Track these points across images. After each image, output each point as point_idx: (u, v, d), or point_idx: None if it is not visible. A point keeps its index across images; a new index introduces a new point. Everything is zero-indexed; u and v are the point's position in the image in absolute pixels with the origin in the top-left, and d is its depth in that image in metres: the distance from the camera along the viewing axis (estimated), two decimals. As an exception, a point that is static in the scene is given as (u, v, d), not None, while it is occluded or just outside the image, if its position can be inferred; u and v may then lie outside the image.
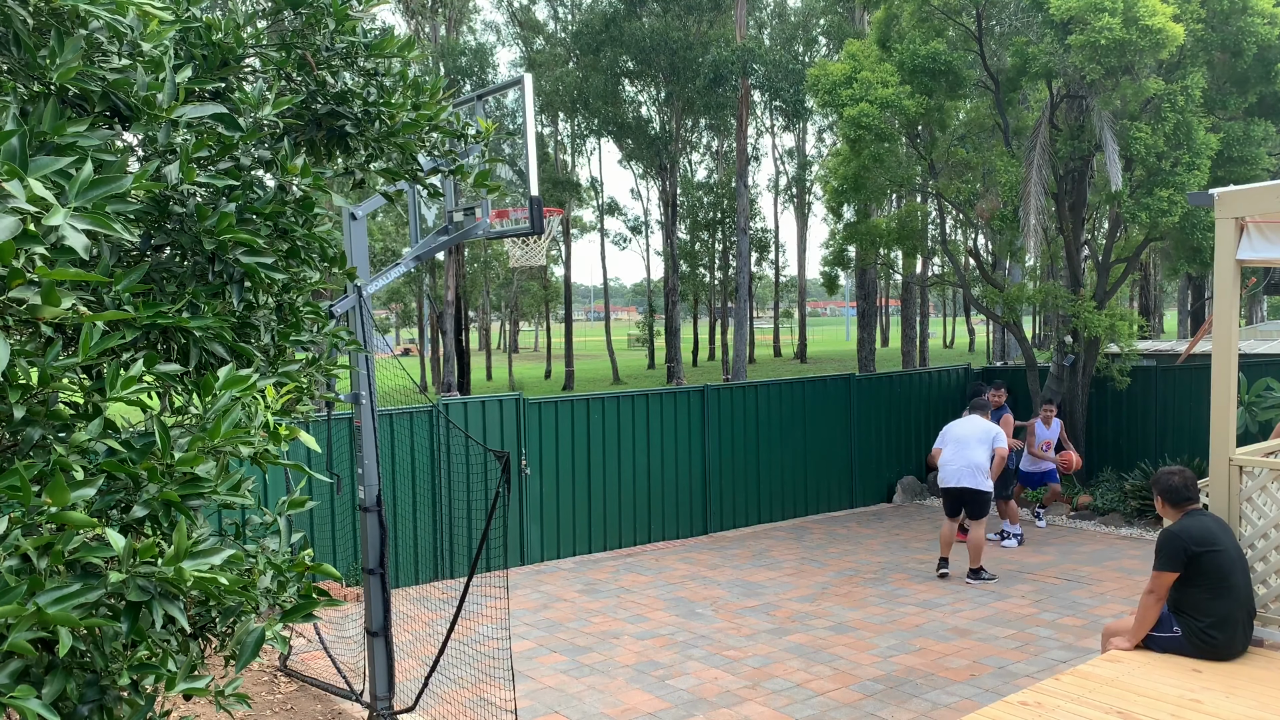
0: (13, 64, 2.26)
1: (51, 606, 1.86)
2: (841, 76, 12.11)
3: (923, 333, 36.46)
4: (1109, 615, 7.80)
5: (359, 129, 3.10)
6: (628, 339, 68.91)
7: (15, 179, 1.87)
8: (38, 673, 2.03)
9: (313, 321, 2.92)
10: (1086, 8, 9.83)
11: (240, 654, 2.35)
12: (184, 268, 2.58)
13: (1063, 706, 4.36)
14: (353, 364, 5.59)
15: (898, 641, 7.36)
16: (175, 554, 2.04)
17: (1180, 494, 5.02)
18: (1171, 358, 12.93)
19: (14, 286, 1.91)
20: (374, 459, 5.77)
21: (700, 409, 11.52)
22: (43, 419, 2.13)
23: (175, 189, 2.38)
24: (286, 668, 6.93)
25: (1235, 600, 4.81)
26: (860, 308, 25.49)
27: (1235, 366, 5.33)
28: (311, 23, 3.02)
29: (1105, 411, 12.75)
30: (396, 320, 51.24)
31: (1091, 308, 11.36)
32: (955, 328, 62.28)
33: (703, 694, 6.40)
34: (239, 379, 2.31)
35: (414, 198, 6.25)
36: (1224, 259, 5.35)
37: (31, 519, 1.92)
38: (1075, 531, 11.10)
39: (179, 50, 2.69)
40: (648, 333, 48.14)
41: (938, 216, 14.17)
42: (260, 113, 2.70)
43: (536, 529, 10.30)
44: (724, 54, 24.23)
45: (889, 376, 13.48)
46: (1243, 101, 11.07)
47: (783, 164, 47.73)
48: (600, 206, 43.35)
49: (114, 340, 2.10)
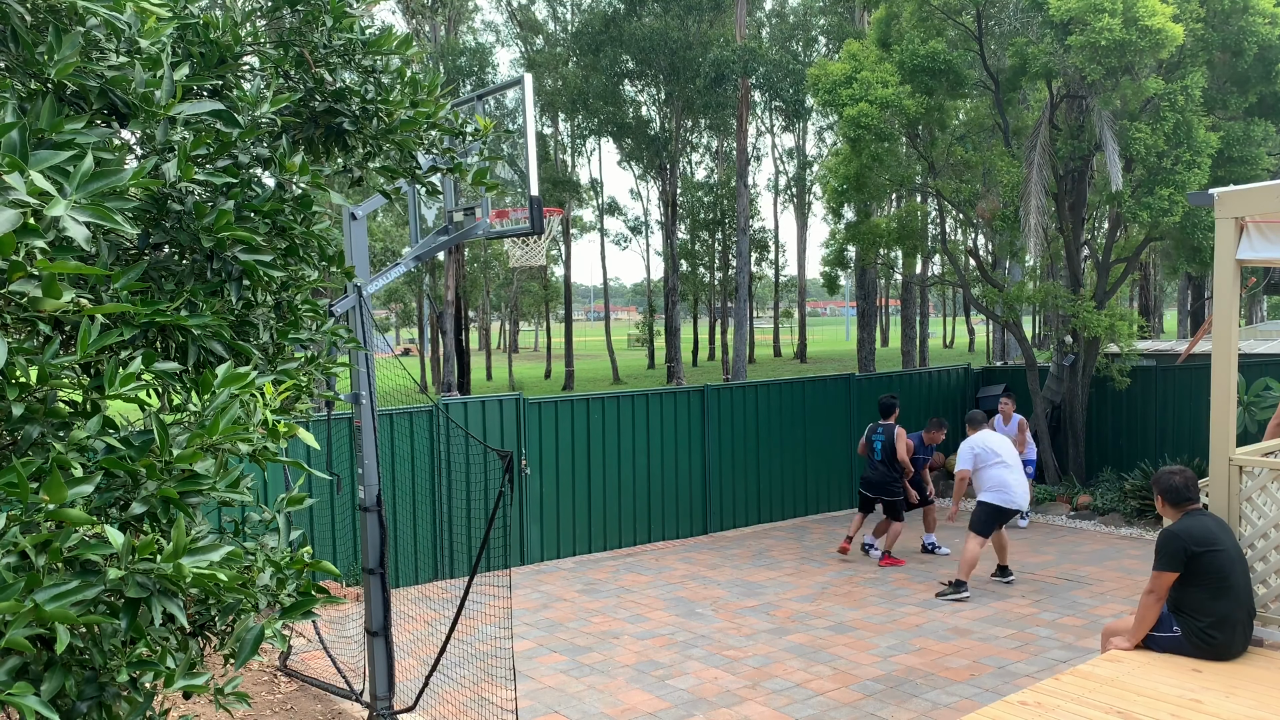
0: (11, 61, 2.26)
1: (50, 603, 1.86)
2: (841, 76, 12.11)
3: (923, 333, 36.45)
4: (1109, 615, 7.80)
5: (357, 126, 3.10)
6: (628, 339, 68.89)
7: (16, 171, 1.87)
8: (36, 670, 2.03)
9: (312, 319, 2.92)
10: (1086, 8, 9.82)
11: (239, 652, 2.34)
12: (182, 265, 2.58)
13: (1063, 706, 4.36)
14: (353, 363, 5.59)
15: (898, 641, 7.35)
16: (174, 550, 2.03)
17: (1181, 494, 5.02)
18: (1171, 358, 12.93)
19: (14, 279, 1.91)
20: (374, 459, 5.77)
21: (700, 409, 11.52)
22: (41, 416, 2.13)
23: (173, 186, 2.38)
24: (286, 667, 6.92)
25: (1235, 600, 4.81)
26: (860, 308, 25.50)
27: (1235, 366, 5.32)
28: (309, 20, 3.02)
29: (1105, 411, 12.75)
30: (396, 320, 51.24)
31: (1091, 308, 11.36)
32: (955, 328, 62.27)
33: (703, 694, 6.39)
34: (238, 376, 2.31)
35: (414, 197, 6.24)
36: (1224, 259, 5.34)
37: (30, 516, 1.92)
38: (1075, 531, 11.09)
39: (177, 47, 2.68)
40: (648, 333, 48.14)
41: (938, 216, 14.17)
42: (258, 110, 2.70)
43: (536, 529, 10.30)
44: (724, 54, 24.24)
45: (889, 376, 13.47)
46: (1243, 101, 11.07)
47: (783, 164, 47.77)
48: (600, 206, 43.37)
49: (112, 337, 2.10)
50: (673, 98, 29.32)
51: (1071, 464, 12.69)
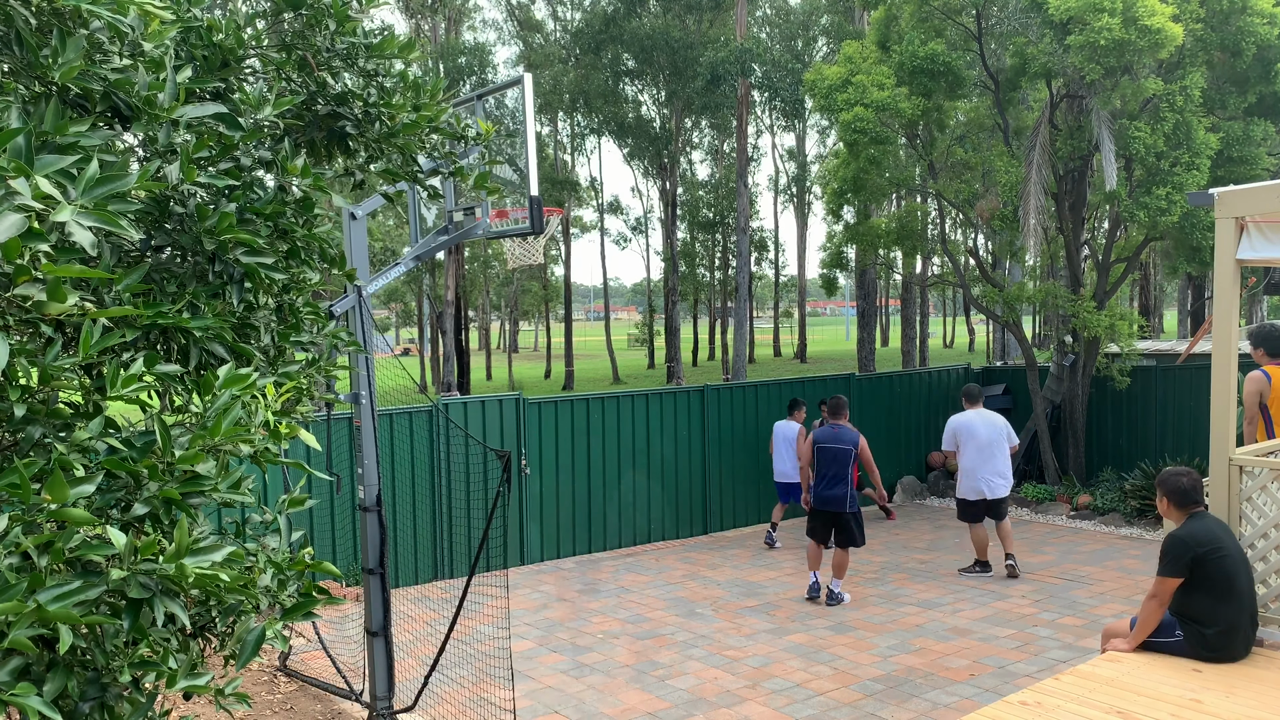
0: (15, 64, 2.27)
1: (52, 604, 1.87)
2: (838, 79, 12.11)
3: (923, 333, 36.45)
4: (1109, 615, 7.80)
5: (359, 130, 3.11)
6: (627, 339, 68.85)
7: (22, 176, 1.88)
8: (38, 670, 2.04)
9: (312, 322, 2.92)
10: (1086, 8, 9.83)
11: (240, 652, 2.35)
12: (184, 268, 2.59)
13: (1063, 706, 4.37)
14: (352, 364, 5.60)
15: (898, 641, 7.36)
16: (176, 551, 2.04)
17: (1188, 496, 4.97)
18: (1171, 357, 12.93)
19: (19, 283, 1.92)
20: (374, 459, 5.78)
21: (700, 409, 11.53)
22: (43, 417, 2.14)
23: (176, 189, 2.39)
24: (286, 667, 6.93)
25: (1240, 605, 4.74)
26: (860, 307, 25.49)
27: (1235, 366, 5.33)
28: (312, 24, 3.02)
29: (1105, 411, 12.75)
30: (396, 320, 51.27)
31: (1091, 307, 11.36)
32: (955, 328, 62.25)
33: (703, 694, 6.40)
34: (239, 378, 2.32)
35: (414, 198, 6.25)
36: (1224, 259, 5.35)
37: (32, 517, 1.93)
38: (1075, 531, 11.10)
39: (180, 51, 2.69)
40: (647, 333, 48.13)
41: (937, 216, 14.17)
42: (261, 113, 2.71)
43: (536, 529, 10.30)
44: (720, 55, 24.23)
45: (889, 376, 13.48)
46: (1242, 101, 11.08)
47: (783, 163, 47.78)
48: (600, 206, 43.38)
49: (114, 339, 2.11)
50: (673, 97, 29.33)
51: (1071, 464, 12.69)
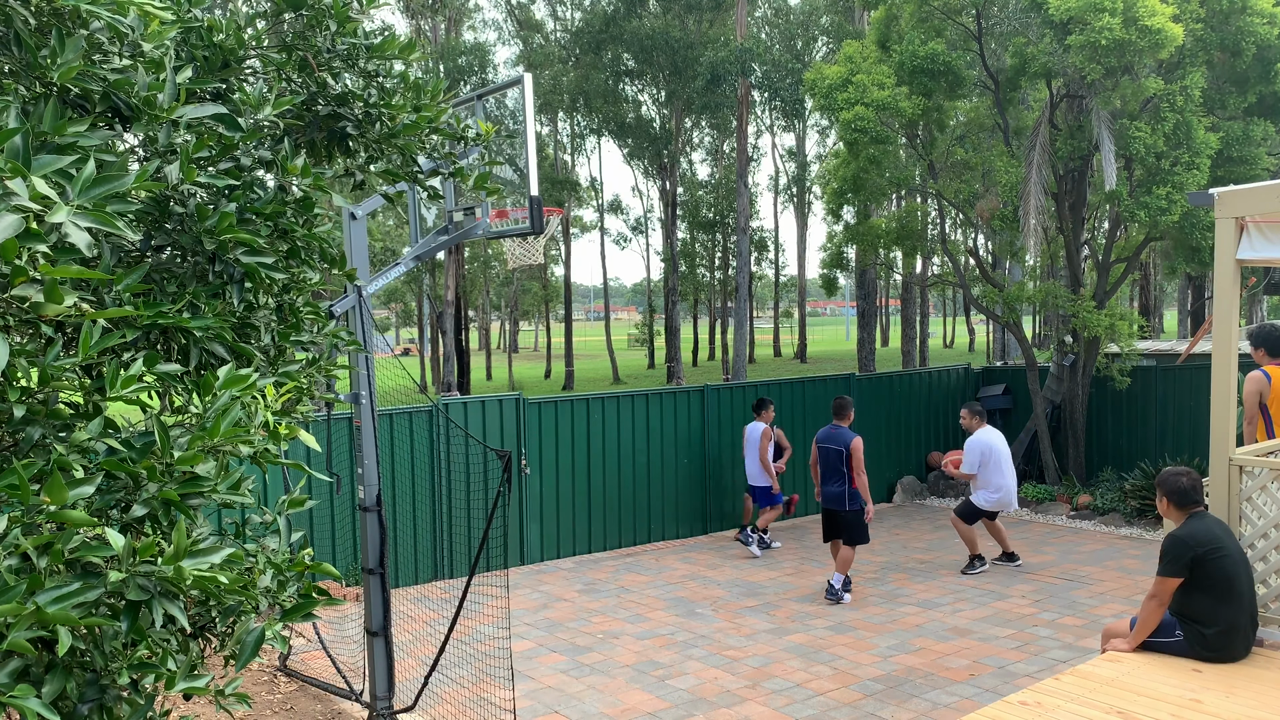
0: (14, 64, 2.26)
1: (51, 605, 1.86)
2: (838, 79, 12.10)
3: (923, 333, 36.46)
4: (1109, 615, 7.80)
5: (360, 130, 3.11)
6: (627, 339, 68.86)
7: (19, 177, 1.87)
8: (37, 672, 2.03)
9: (313, 322, 2.92)
10: (1086, 8, 9.83)
11: (240, 653, 2.35)
12: (184, 268, 2.59)
13: (1063, 706, 4.36)
14: (352, 364, 5.59)
15: (898, 641, 7.36)
16: (175, 553, 2.04)
17: (1188, 496, 4.97)
18: (1171, 357, 12.93)
19: (16, 284, 1.92)
20: (374, 459, 5.78)
21: (700, 409, 11.52)
22: (43, 418, 2.14)
23: (176, 189, 2.38)
24: (286, 667, 6.93)
25: (1240, 606, 4.74)
26: (860, 308, 25.49)
27: (1235, 366, 5.33)
28: (313, 24, 3.02)
29: (1105, 411, 12.75)
30: (396, 320, 51.27)
31: (1091, 307, 11.36)
32: (955, 328, 62.27)
33: (703, 694, 6.40)
34: (239, 378, 2.31)
35: (414, 198, 6.25)
36: (1224, 259, 5.35)
37: (31, 518, 1.93)
38: (1075, 531, 11.10)
39: (180, 51, 2.69)
40: (647, 333, 48.13)
41: (937, 216, 14.17)
42: (261, 114, 2.70)
43: (536, 529, 10.30)
44: (722, 54, 24.22)
45: (889, 376, 13.47)
46: (1242, 101, 11.07)
47: (782, 163, 47.77)
48: (600, 206, 43.37)
49: (114, 339, 2.10)
50: (673, 97, 29.32)
51: (1071, 464, 12.69)
